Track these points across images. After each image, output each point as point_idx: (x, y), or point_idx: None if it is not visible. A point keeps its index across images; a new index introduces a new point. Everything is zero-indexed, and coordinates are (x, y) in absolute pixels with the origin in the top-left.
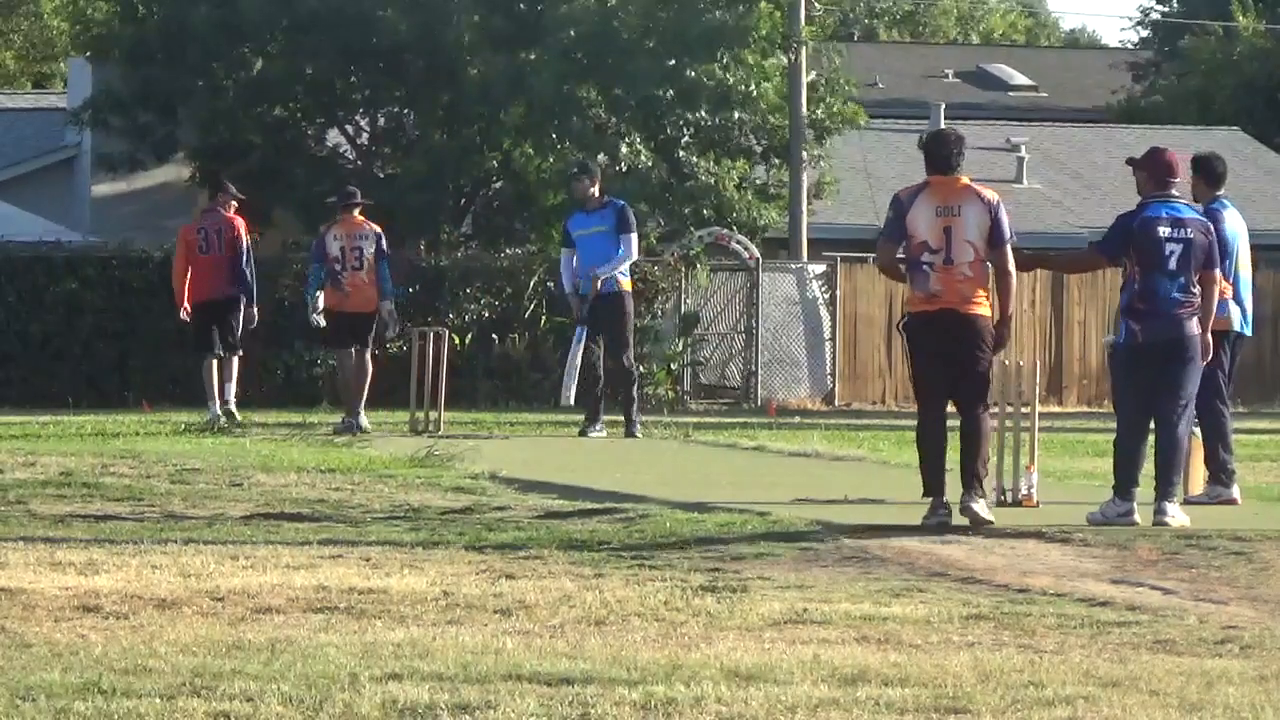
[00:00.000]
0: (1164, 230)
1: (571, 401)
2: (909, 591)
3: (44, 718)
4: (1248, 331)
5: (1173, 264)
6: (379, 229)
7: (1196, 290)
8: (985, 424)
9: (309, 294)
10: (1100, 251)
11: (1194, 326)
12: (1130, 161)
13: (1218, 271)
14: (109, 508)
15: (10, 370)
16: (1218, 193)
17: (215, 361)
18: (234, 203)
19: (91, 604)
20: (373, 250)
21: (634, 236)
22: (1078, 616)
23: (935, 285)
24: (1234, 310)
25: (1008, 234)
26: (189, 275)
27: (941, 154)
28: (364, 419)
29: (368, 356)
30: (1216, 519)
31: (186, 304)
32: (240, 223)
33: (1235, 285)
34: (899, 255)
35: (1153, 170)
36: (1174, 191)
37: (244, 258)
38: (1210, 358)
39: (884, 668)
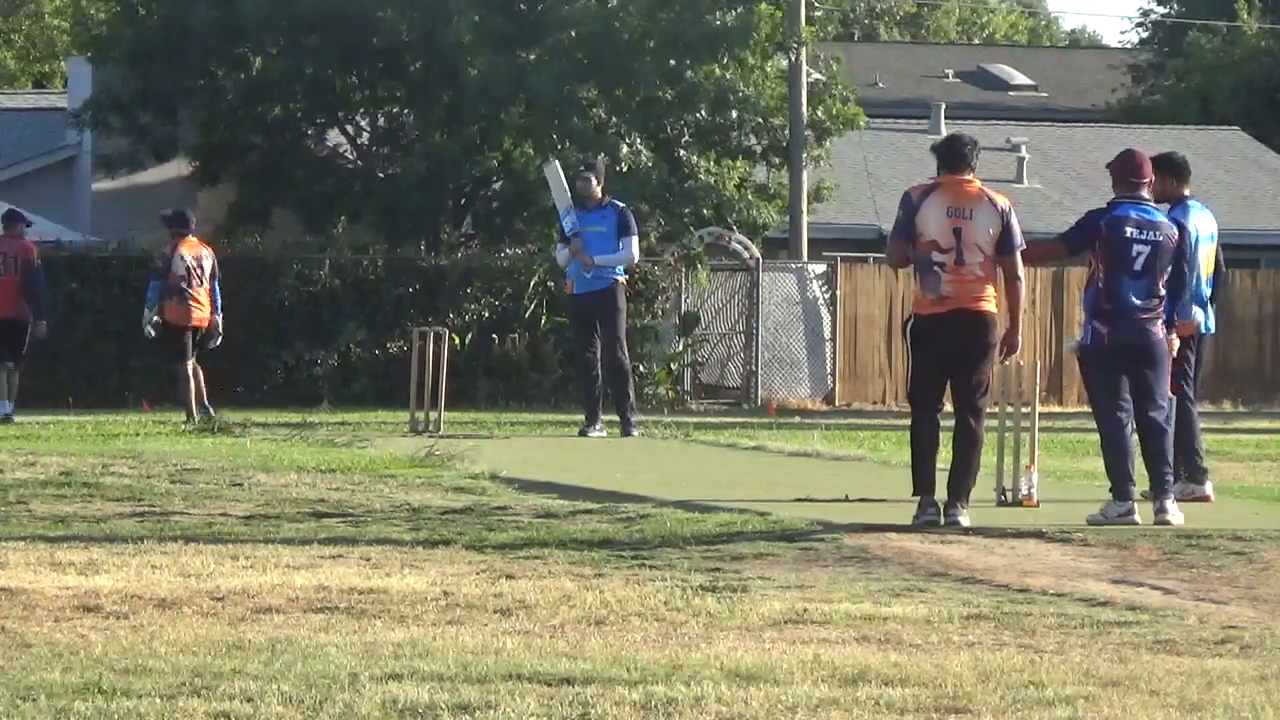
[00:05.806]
0: (1132, 231)
1: (563, 179)
2: (909, 591)
3: (44, 718)
4: (1212, 329)
5: (1139, 265)
6: (212, 250)
7: (1162, 293)
8: (982, 437)
9: (148, 306)
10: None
11: (1159, 330)
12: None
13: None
14: (109, 508)
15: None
16: (1185, 191)
17: (5, 373)
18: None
19: (91, 604)
20: (209, 268)
21: (635, 239)
22: (1078, 616)
23: (946, 288)
24: (1197, 313)
25: (1019, 240)
26: None
27: (955, 153)
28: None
29: (197, 366)
30: (1216, 519)
31: None
32: (34, 248)
33: (1196, 286)
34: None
35: (1120, 171)
36: (1144, 193)
37: (39, 281)
38: (1174, 356)
39: (884, 668)
